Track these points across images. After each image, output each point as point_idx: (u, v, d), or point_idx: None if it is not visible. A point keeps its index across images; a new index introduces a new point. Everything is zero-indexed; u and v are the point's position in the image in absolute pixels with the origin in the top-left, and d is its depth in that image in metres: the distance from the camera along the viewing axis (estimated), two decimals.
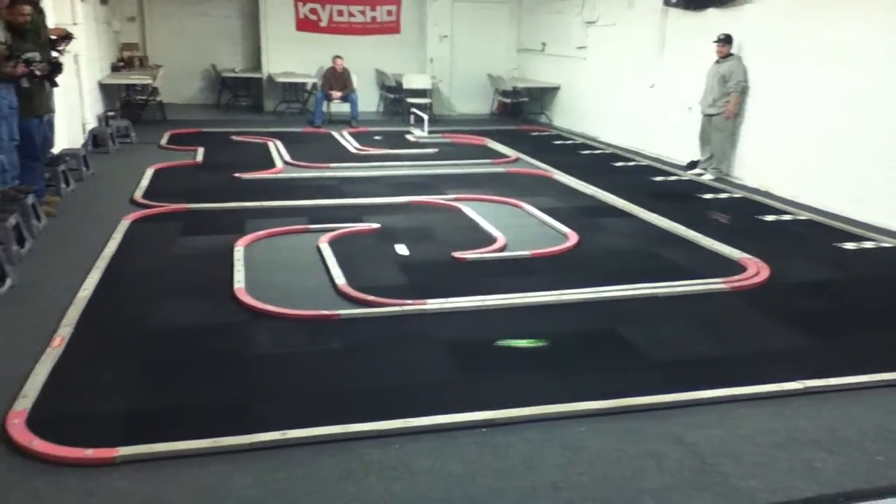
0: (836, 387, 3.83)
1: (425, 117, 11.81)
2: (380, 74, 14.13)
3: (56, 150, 7.54)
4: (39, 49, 6.14)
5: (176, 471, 2.96)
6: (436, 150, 10.47)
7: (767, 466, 3.15)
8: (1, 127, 5.60)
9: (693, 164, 9.35)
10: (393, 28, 14.30)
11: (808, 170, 7.88)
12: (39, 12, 6.61)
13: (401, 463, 3.07)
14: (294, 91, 13.78)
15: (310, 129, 12.01)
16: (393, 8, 14.19)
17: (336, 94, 12.47)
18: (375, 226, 6.44)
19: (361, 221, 6.55)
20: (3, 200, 5.54)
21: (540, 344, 4.21)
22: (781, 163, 8.25)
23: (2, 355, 3.89)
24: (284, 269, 5.39)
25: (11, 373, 3.66)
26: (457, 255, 5.71)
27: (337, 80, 12.53)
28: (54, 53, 6.48)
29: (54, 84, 6.48)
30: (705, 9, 9.35)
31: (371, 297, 4.75)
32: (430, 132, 11.60)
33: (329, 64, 12.62)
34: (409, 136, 11.53)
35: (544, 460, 3.13)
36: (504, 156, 10.18)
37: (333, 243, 5.86)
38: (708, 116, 8.99)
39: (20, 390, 3.48)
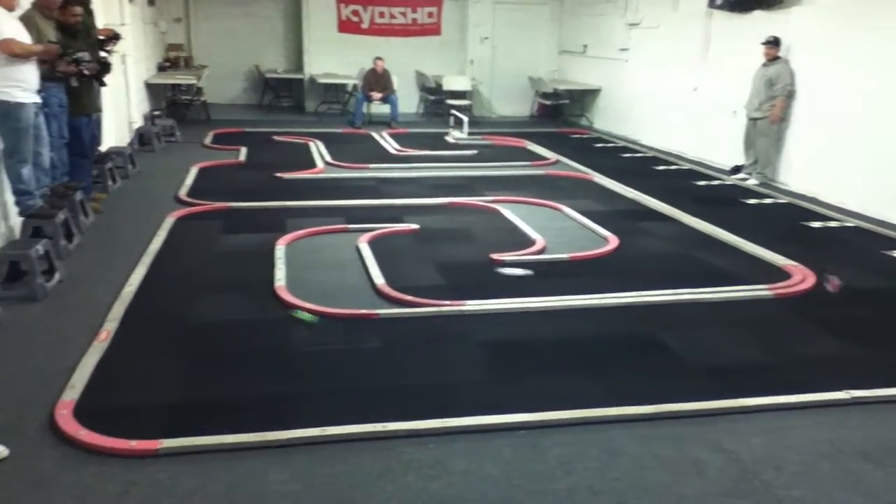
0: (884, 398, 3.74)
1: (465, 119, 11.82)
2: (420, 76, 14.17)
3: (103, 148, 7.70)
4: (89, 49, 6.28)
5: (216, 464, 3.00)
6: (475, 151, 10.47)
7: (811, 477, 3.08)
8: (51, 125, 5.73)
9: (737, 169, 9.21)
10: (434, 30, 14.35)
11: (856, 176, 7.70)
12: (89, 13, 6.76)
13: (438, 462, 3.08)
14: (335, 92, 13.89)
15: (350, 130, 12.09)
16: (434, 10, 14.23)
17: (376, 95, 12.54)
18: (414, 226, 6.46)
19: (400, 222, 6.57)
20: (53, 196, 5.68)
21: (312, 320, 4.42)
22: (829, 168, 8.08)
23: (51, 347, 3.99)
24: (324, 267, 5.44)
25: (60, 364, 3.75)
26: (495, 256, 5.70)
27: (377, 81, 12.61)
28: (102, 53, 6.62)
29: (103, 83, 6.61)
30: (751, 11, 9.20)
31: (409, 298, 4.77)
32: (469, 134, 11.61)
33: (370, 65, 12.70)
34: (448, 138, 11.55)
35: (582, 464, 3.11)
36: (544, 158, 10.14)
37: (372, 243, 5.90)
38: (753, 120, 8.84)
39: (68, 381, 3.56)
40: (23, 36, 5.11)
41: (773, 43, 8.51)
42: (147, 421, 3.28)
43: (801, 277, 5.40)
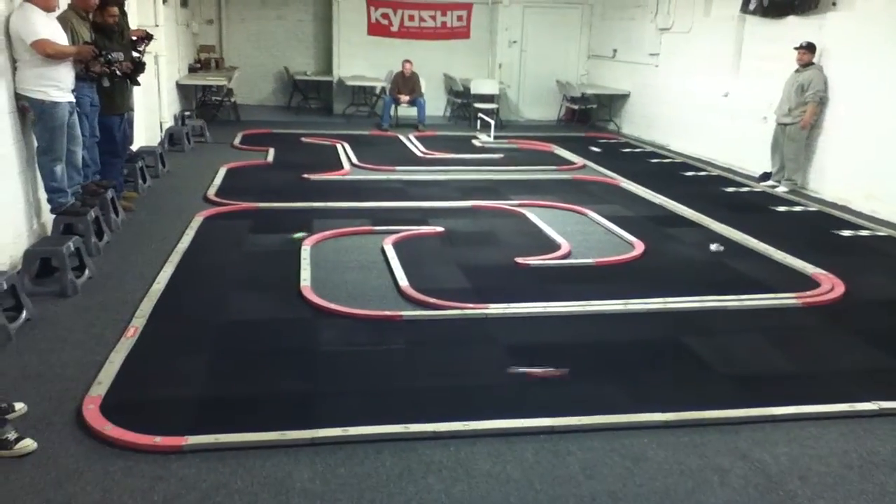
0: None
1: (492, 122, 11.81)
2: (448, 79, 14.18)
3: (134, 147, 7.80)
4: (122, 49, 6.38)
5: (241, 461, 3.03)
6: (501, 155, 10.46)
7: (837, 488, 3.04)
8: (83, 123, 5.81)
9: (766, 176, 9.10)
10: (463, 33, 14.34)
11: (889, 184, 7.57)
12: (123, 14, 6.85)
13: (459, 465, 3.08)
14: (363, 94, 13.96)
15: (377, 132, 12.14)
16: (464, 13, 14.23)
17: (404, 97, 12.58)
18: (439, 229, 6.47)
19: (426, 224, 6.58)
20: (85, 194, 5.76)
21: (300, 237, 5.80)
22: (861, 177, 7.94)
23: (79, 343, 4.05)
24: (349, 269, 5.46)
25: (88, 360, 3.81)
26: (520, 260, 5.69)
27: (405, 84, 12.64)
28: (135, 54, 6.71)
29: (137, 83, 6.70)
30: (785, 17, 9.08)
31: (433, 300, 4.77)
32: (496, 137, 11.60)
33: (398, 68, 12.74)
34: (475, 141, 11.55)
35: (604, 469, 3.10)
36: (570, 162, 10.10)
37: (397, 245, 5.92)
38: (782, 126, 8.73)
39: (96, 377, 3.62)
40: (59, 36, 5.19)
41: (807, 48, 8.39)
42: (173, 417, 3.32)
43: (830, 286, 5.33)
